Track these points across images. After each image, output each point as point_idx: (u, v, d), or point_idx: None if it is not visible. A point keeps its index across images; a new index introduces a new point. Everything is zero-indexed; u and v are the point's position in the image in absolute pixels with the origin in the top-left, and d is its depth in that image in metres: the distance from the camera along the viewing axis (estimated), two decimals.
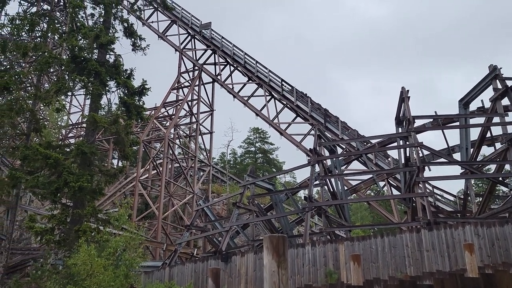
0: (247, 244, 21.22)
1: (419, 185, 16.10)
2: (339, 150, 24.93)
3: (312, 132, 27.02)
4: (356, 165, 24.99)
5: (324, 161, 19.42)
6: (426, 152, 18.82)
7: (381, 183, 22.84)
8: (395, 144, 20.54)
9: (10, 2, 22.25)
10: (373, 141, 23.25)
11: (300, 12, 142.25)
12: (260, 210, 21.53)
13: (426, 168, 16.94)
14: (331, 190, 20.29)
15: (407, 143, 18.08)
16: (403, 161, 19.29)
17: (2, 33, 38.93)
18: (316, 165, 18.45)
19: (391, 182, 22.85)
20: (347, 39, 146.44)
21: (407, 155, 18.41)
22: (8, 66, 22.06)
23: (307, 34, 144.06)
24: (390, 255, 14.28)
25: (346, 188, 21.64)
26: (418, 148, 16.87)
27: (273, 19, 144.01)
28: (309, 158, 19.41)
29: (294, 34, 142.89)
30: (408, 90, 18.79)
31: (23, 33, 21.28)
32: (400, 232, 14.82)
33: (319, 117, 27.78)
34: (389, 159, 24.67)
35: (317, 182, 18.49)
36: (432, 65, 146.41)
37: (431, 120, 20.02)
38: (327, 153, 21.65)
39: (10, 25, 20.11)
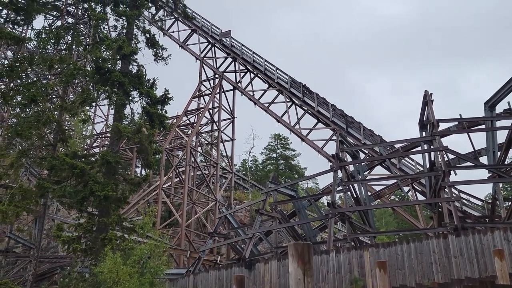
0: (270, 251, 21.15)
1: (445, 189, 15.78)
2: (362, 156, 24.67)
3: (334, 137, 26.84)
4: (379, 170, 24.70)
5: (347, 167, 19.24)
6: (451, 156, 18.47)
7: (406, 188, 22.48)
8: (419, 148, 20.21)
9: (36, 17, 22.89)
10: (397, 145, 22.94)
11: (314, 12, 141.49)
12: (283, 217, 21.45)
13: (452, 172, 16.61)
14: (355, 196, 20.07)
15: (432, 147, 17.77)
16: (427, 166, 18.95)
17: (29, 46, 40.11)
18: (339, 170, 18.30)
19: (415, 187, 22.47)
20: (364, 39, 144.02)
21: (432, 159, 18.09)
22: (35, 79, 22.69)
23: (322, 35, 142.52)
24: (417, 262, 14.00)
25: (369, 193, 21.38)
26: (443, 152, 16.56)
27: (287, 19, 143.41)
28: (331, 164, 19.27)
29: (309, 34, 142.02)
30: (431, 94, 18.50)
31: (49, 47, 21.84)
32: (426, 238, 14.53)
33: (340, 122, 27.59)
34: (413, 163, 24.30)
35: (340, 188, 18.34)
36: (454, 62, 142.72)
37: (456, 123, 19.63)
38: (349, 159, 21.45)
39: (36, 39, 20.68)
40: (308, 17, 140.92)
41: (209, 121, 36.19)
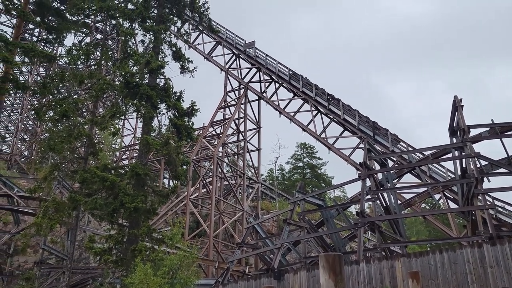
0: (299, 261, 20.97)
1: (478, 197, 15.33)
2: (390, 163, 24.28)
3: (361, 145, 26.54)
4: (409, 178, 24.23)
5: (375, 175, 18.97)
6: (483, 163, 17.95)
7: (437, 196, 21.96)
8: (450, 155, 19.74)
9: (66, 34, 23.66)
10: (426, 152, 22.49)
11: (333, 13, 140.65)
12: (311, 227, 21.27)
13: (485, 179, 16.13)
14: (384, 205, 19.73)
15: (463, 153, 17.33)
16: (459, 173, 18.48)
17: (60, 63, 41.44)
18: (367, 179, 18.05)
19: (447, 194, 21.92)
20: (384, 40, 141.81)
21: (464, 166, 17.63)
22: (66, 94, 23.39)
23: (341, 36, 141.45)
24: (451, 272, 13.61)
25: (399, 202, 20.98)
26: (475, 158, 16.13)
27: (305, 21, 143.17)
28: (359, 172, 19.04)
29: (327, 35, 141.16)
30: (461, 99, 18.09)
31: (79, 63, 22.51)
32: (460, 247, 14.12)
33: (367, 130, 27.27)
34: (444, 170, 23.75)
35: (368, 196, 18.07)
36: (479, 62, 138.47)
37: (488, 128, 19.10)
38: (377, 167, 21.14)
39: (67, 56, 21.36)
40: (327, 18, 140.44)
41: (235, 132, 36.39)
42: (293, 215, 20.69)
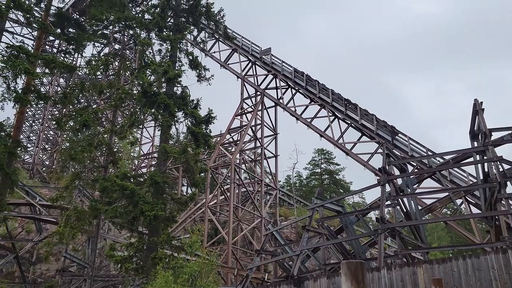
0: (318, 268, 20.79)
1: (502, 202, 15.01)
2: (410, 168, 23.96)
3: (379, 150, 26.28)
4: (429, 183, 23.87)
5: (395, 180, 18.73)
6: (506, 166, 17.57)
7: (458, 201, 21.56)
8: (471, 159, 19.38)
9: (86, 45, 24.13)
10: (447, 157, 22.12)
11: (345, 13, 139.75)
12: (330, 233, 21.09)
13: (509, 183, 15.77)
14: (404, 210, 19.46)
15: (485, 157, 17.01)
16: (481, 177, 18.13)
17: (79, 74, 42.23)
18: (387, 184, 17.84)
19: (469, 199, 21.51)
20: (399, 41, 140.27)
21: (486, 170, 17.30)
22: (86, 104, 23.81)
23: (354, 37, 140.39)
24: (475, 279, 13.32)
25: (420, 207, 20.66)
26: (498, 162, 15.81)
27: (317, 23, 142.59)
28: (378, 178, 18.84)
29: (340, 36, 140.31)
30: (481, 102, 17.80)
31: (99, 73, 22.91)
32: (484, 253, 13.81)
33: (385, 134, 27.00)
34: (465, 175, 23.33)
35: (388, 202, 17.84)
36: (499, 60, 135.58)
37: (510, 131, 18.72)
38: (397, 172, 20.89)
39: (87, 67, 21.76)
40: (340, 19, 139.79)
41: (252, 138, 36.44)
42: (312, 222, 20.57)
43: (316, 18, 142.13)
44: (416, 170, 23.88)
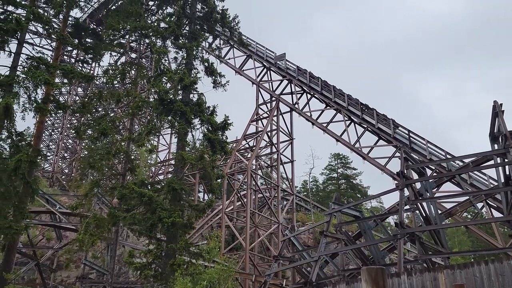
0: (337, 274, 20.60)
1: None
2: (429, 172, 23.64)
3: (397, 154, 25.99)
4: (449, 187, 23.50)
5: (413, 184, 18.49)
6: None
7: (479, 205, 21.17)
8: (492, 162, 19.03)
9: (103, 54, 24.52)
10: (467, 160, 21.77)
11: (358, 13, 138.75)
12: (348, 238, 20.89)
13: None
14: (424, 215, 19.17)
15: (506, 160, 16.67)
16: (502, 180, 17.76)
17: (97, 83, 42.89)
18: (405, 189, 17.62)
19: (490, 203, 21.10)
20: (413, 40, 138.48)
21: (507, 173, 16.95)
22: (103, 113, 24.16)
23: (368, 38, 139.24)
24: (498, 284, 13.02)
25: (440, 211, 20.34)
26: None
27: (330, 23, 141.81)
28: (396, 182, 18.63)
29: (353, 36, 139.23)
30: (501, 104, 17.49)
31: (116, 82, 23.22)
32: (507, 258, 13.51)
33: (403, 138, 26.71)
34: (486, 178, 22.91)
35: (407, 206, 17.61)
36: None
37: None
38: (415, 176, 20.61)
39: (104, 76, 22.09)
40: (354, 18, 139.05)
41: (268, 144, 36.42)
42: (329, 227, 20.42)
43: (329, 18, 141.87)
44: (435, 174, 23.54)
